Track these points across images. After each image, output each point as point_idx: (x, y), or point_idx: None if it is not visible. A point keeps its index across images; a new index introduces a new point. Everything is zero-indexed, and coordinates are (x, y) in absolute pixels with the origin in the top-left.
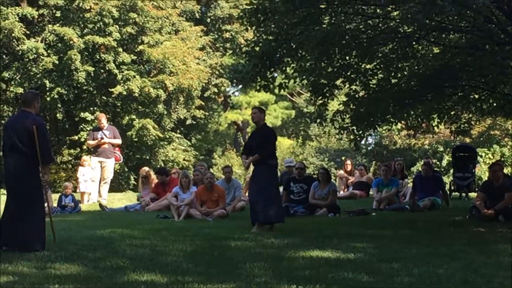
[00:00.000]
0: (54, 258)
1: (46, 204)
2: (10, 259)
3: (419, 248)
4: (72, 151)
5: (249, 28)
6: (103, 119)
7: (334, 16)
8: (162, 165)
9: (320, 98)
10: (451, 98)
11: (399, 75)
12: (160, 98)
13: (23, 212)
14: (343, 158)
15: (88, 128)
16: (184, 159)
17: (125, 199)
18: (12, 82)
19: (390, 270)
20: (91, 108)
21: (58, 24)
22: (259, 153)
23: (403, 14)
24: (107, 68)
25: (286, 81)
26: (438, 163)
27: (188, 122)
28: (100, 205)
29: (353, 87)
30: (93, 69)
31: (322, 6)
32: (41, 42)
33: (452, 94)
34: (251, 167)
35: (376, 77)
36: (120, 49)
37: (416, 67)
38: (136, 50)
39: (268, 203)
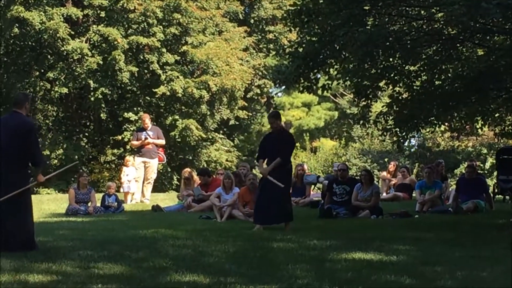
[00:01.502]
0: (98, 257)
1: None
2: (54, 259)
3: (463, 251)
4: (115, 151)
5: (292, 29)
6: (147, 119)
7: (378, 17)
8: (205, 165)
9: (363, 99)
10: (495, 100)
11: (443, 77)
12: (203, 99)
13: (11, 214)
14: (386, 159)
15: (132, 128)
16: (226, 160)
17: (168, 199)
18: (57, 82)
19: (433, 273)
20: (135, 108)
21: (102, 25)
22: (281, 157)
23: (448, 16)
24: (150, 69)
25: (329, 82)
26: (481, 165)
27: (231, 122)
28: (158, 206)
29: (397, 88)
30: (137, 69)
31: (366, 8)
32: (86, 42)
33: (496, 96)
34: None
35: (419, 79)
36: (164, 50)
37: (460, 69)
38: (179, 51)
39: (286, 206)
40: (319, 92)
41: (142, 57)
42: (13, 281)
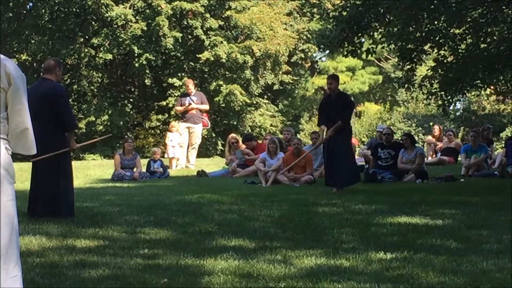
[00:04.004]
0: (144, 223)
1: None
2: (100, 224)
3: (508, 215)
4: (160, 116)
5: None
6: (191, 85)
7: None
8: (249, 130)
9: (408, 63)
10: None
11: (488, 40)
12: (247, 64)
13: (51, 181)
14: (431, 123)
15: (176, 94)
16: (271, 125)
17: (212, 165)
18: (101, 49)
19: (479, 237)
20: (179, 74)
21: None
22: (341, 121)
23: None
24: (194, 34)
25: (374, 46)
26: None
27: (275, 87)
28: (203, 171)
29: (442, 52)
30: (181, 35)
31: None
32: (130, 8)
33: None
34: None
35: (465, 42)
36: (208, 15)
37: (506, 32)
38: (223, 16)
39: (352, 168)
40: (364, 56)
41: (186, 23)
42: (60, 246)
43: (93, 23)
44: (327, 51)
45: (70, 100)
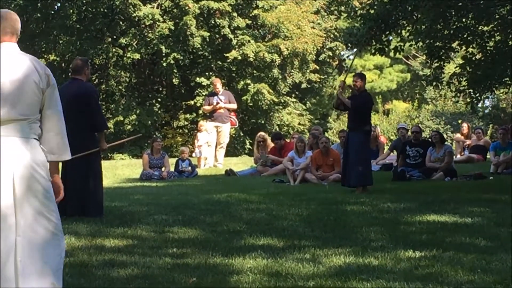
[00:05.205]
0: (172, 222)
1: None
2: (129, 223)
3: None
4: (188, 116)
5: None
6: (218, 84)
7: None
8: (277, 129)
9: (436, 61)
10: None
11: None
12: (275, 63)
13: (81, 181)
14: (459, 121)
15: (204, 93)
16: (299, 123)
17: (241, 164)
18: (129, 48)
19: (508, 235)
20: (207, 73)
21: None
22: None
23: None
24: (222, 33)
25: (402, 44)
26: None
27: (303, 86)
28: (231, 170)
29: (470, 49)
30: (208, 34)
31: None
32: (157, 8)
33: None
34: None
35: (493, 39)
36: (235, 14)
37: None
38: (250, 15)
39: (366, 166)
40: (391, 54)
41: (213, 22)
42: (89, 245)
43: (121, 23)
44: (355, 49)
45: None
